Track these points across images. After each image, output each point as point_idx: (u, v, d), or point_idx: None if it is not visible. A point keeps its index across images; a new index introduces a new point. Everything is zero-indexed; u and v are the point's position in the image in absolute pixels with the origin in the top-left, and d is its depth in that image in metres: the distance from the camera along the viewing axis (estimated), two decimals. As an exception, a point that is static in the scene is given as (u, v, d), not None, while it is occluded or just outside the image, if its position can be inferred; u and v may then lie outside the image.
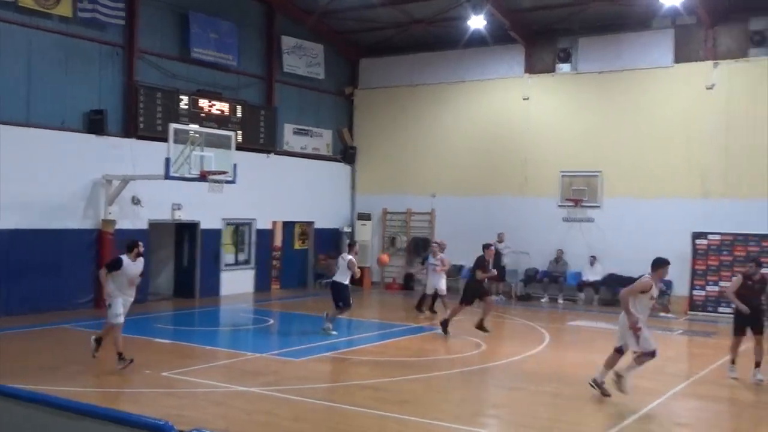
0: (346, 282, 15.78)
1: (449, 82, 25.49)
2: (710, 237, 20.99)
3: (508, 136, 24.35)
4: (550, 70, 24.04)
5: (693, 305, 20.98)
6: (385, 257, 19.81)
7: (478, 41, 23.56)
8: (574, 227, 23.19)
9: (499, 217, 23.89)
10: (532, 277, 23.40)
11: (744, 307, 11.79)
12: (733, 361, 12.17)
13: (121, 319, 11.53)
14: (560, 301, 22.65)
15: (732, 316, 12.76)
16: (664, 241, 21.20)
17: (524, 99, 24.24)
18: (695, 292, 21.11)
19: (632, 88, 22.57)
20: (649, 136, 22.17)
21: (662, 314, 19.97)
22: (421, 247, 25.66)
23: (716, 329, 17.10)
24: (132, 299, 11.88)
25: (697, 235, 21.10)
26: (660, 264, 10.98)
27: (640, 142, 22.30)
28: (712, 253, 20.87)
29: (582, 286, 22.62)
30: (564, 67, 23.84)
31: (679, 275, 20.76)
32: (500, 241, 22.50)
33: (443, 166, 25.50)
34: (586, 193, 22.94)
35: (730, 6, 21.00)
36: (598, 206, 22.87)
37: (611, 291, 22.12)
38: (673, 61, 22.02)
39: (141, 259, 11.79)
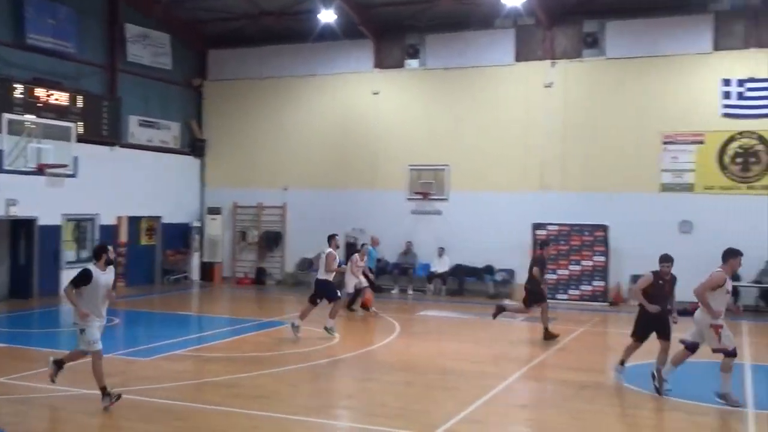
0: (329, 278, 15.27)
1: (300, 76, 25.45)
2: (549, 228, 22.12)
3: (359, 130, 24.64)
4: (399, 65, 24.50)
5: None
6: None
7: (328, 35, 23.66)
8: (423, 220, 23.80)
9: (350, 210, 24.17)
10: (382, 269, 23.79)
11: (654, 307, 10.69)
12: (622, 362, 11.23)
13: (100, 345, 9.53)
14: (410, 292, 23.19)
15: (637, 315, 11.40)
16: (507, 232, 22.26)
17: (374, 94, 24.58)
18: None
19: (477, 84, 23.39)
20: (493, 131, 23.08)
21: (506, 301, 20.85)
22: (273, 242, 25.53)
23: (556, 315, 18.00)
24: (105, 319, 9.83)
25: (537, 226, 22.18)
26: (731, 254, 10.30)
27: (485, 136, 23.17)
28: (550, 244, 21.97)
29: (431, 277, 23.24)
30: (412, 63, 24.36)
31: (520, 265, 21.77)
32: (374, 244, 22.31)
33: (295, 160, 25.46)
34: (434, 187, 23.58)
35: (566, 9, 22.19)
36: (446, 199, 23.57)
37: (458, 281, 22.93)
38: (515, 60, 23.01)
39: (111, 267, 9.85)
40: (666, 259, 11.02)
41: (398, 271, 23.65)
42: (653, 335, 11.01)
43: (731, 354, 10.08)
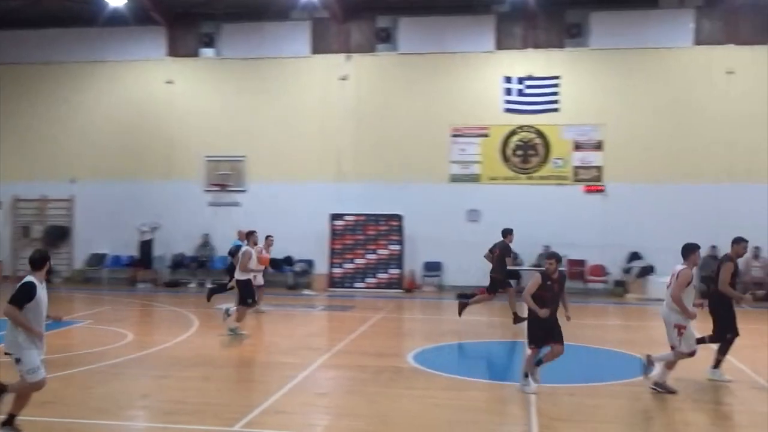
0: (246, 277, 14.57)
1: (88, 62, 24.15)
2: (346, 218, 22.59)
3: (153, 120, 23.81)
4: (194, 54, 23.94)
5: (332, 282, 22.43)
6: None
7: (118, 20, 22.62)
8: (221, 211, 23.47)
9: (144, 202, 23.36)
10: (179, 262, 23.18)
11: (544, 311, 9.86)
12: (526, 375, 10.19)
13: (43, 373, 8.06)
14: (208, 285, 22.71)
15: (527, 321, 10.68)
16: (306, 222, 22.48)
17: (167, 82, 23.84)
18: (334, 270, 22.59)
19: (274, 75, 23.38)
20: (290, 123, 23.19)
21: (305, 291, 21.09)
22: (57, 237, 24.05)
23: (354, 303, 18.46)
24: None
25: (334, 216, 22.57)
26: (691, 249, 10.35)
27: (282, 128, 23.22)
28: (347, 233, 22.47)
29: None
30: (208, 52, 23.90)
31: (319, 254, 22.15)
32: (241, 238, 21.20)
33: (84, 151, 24.15)
34: (232, 178, 23.30)
35: (360, 4, 22.70)
36: (244, 190, 23.39)
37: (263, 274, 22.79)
38: (311, 52, 23.24)
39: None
40: (550, 257, 10.08)
41: (196, 264, 23.14)
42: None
43: (691, 354, 10.16)
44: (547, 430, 8.49)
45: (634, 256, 21.48)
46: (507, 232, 16.09)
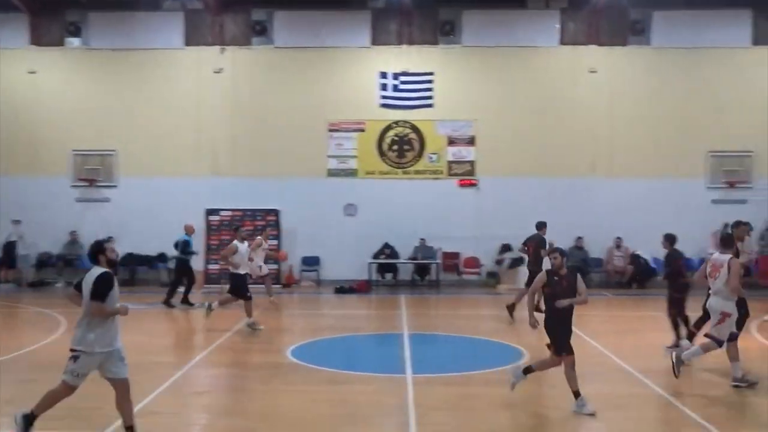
0: (237, 271, 14.87)
1: (-61, 49, 22.65)
2: (222, 213, 22.25)
3: (14, 112, 22.62)
4: (59, 43, 22.90)
5: (209, 278, 22.04)
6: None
7: (-27, 6, 21.35)
8: (90, 208, 22.60)
9: (6, 198, 22.13)
10: (45, 261, 22.18)
11: (532, 321, 9.35)
12: (577, 394, 9.04)
13: (80, 382, 7.72)
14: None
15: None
16: (181, 218, 21.86)
17: (30, 72, 22.71)
18: (210, 266, 22.20)
19: (146, 67, 22.72)
20: (163, 116, 22.60)
21: (180, 289, 20.63)
22: None
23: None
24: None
25: (210, 212, 22.19)
26: (731, 239, 10.66)
27: (155, 121, 22.60)
28: (224, 229, 22.12)
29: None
30: (74, 42, 22.92)
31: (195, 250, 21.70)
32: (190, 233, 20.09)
33: (-65, 144, 22.63)
34: (101, 173, 22.49)
35: (236, -4, 22.37)
36: (115, 186, 22.63)
37: (129, 271, 22.16)
38: (184, 44, 22.69)
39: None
40: (553, 251, 9.28)
41: (63, 262, 22.19)
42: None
43: (720, 344, 10.12)
44: (424, 420, 8.69)
45: (506, 248, 22.22)
46: (541, 225, 16.15)
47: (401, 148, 22.65)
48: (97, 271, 7.65)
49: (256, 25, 22.67)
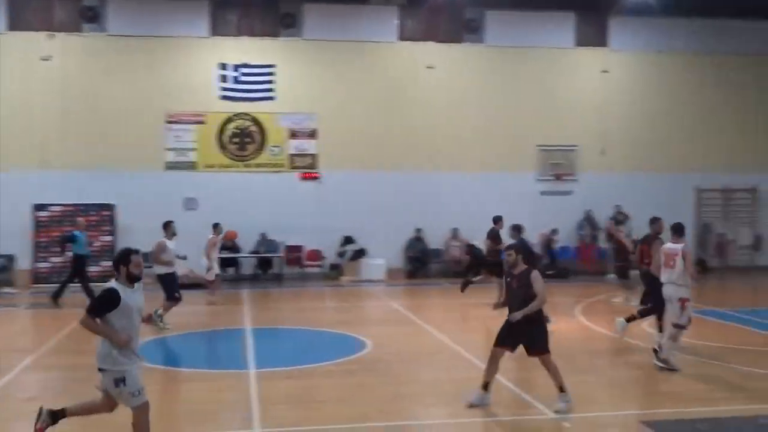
0: (164, 271, 14.19)
1: None
2: (51, 208, 21.13)
3: None
4: None
5: (37, 278, 20.87)
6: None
7: None
8: None
9: None
10: None
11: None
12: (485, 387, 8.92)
13: (146, 396, 6.95)
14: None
15: None
16: (5, 214, 20.63)
17: None
18: (39, 265, 21.05)
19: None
20: (-11, 106, 21.12)
21: (5, 290, 19.50)
22: None
23: (63, 300, 17.29)
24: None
25: (38, 207, 21.02)
26: (683, 228, 10.98)
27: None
28: (54, 225, 21.00)
29: None
30: None
31: (21, 249, 20.54)
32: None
33: None
34: None
35: (63, -21, 21.23)
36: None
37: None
38: (7, 28, 21.29)
39: (140, 284, 7.02)
40: (509, 248, 9.05)
41: None
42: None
43: (684, 327, 10.73)
44: (268, 414, 8.71)
45: (348, 240, 22.51)
46: (497, 219, 16.42)
47: (242, 141, 22.39)
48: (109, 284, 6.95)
49: (87, 11, 21.61)
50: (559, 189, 23.57)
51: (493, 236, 16.23)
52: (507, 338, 8.74)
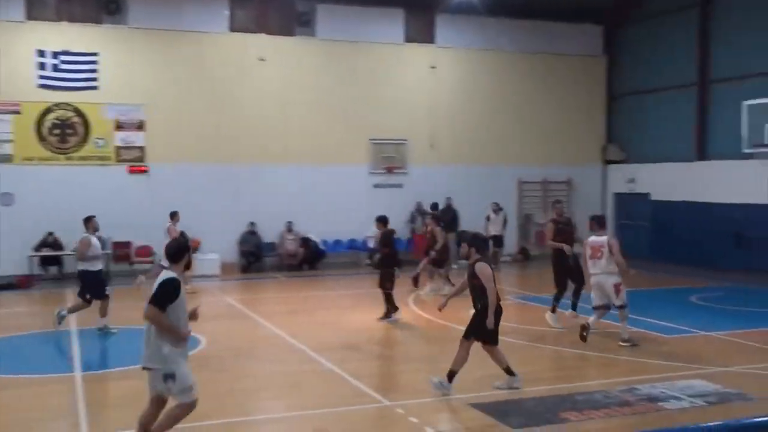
0: (88, 268, 13.11)
1: None
2: None
3: None
4: None
5: None
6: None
7: None
8: None
9: None
10: None
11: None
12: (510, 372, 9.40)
13: (196, 393, 6.79)
14: None
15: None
16: None
17: None
18: None
19: None
20: None
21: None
22: None
23: None
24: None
25: None
26: (604, 219, 12.38)
27: None
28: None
29: None
30: None
31: None
32: None
33: None
34: None
35: None
36: None
37: None
38: None
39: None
40: (463, 240, 9.24)
41: None
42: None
43: (624, 307, 11.61)
44: (97, 418, 8.38)
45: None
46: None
47: (63, 133, 21.20)
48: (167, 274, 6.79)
49: None
50: (391, 182, 24.12)
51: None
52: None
